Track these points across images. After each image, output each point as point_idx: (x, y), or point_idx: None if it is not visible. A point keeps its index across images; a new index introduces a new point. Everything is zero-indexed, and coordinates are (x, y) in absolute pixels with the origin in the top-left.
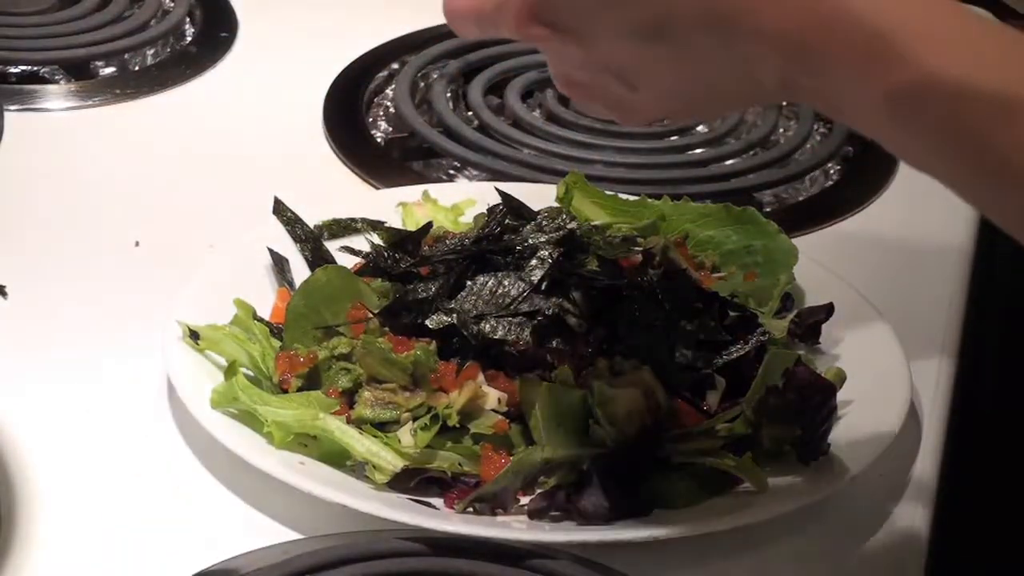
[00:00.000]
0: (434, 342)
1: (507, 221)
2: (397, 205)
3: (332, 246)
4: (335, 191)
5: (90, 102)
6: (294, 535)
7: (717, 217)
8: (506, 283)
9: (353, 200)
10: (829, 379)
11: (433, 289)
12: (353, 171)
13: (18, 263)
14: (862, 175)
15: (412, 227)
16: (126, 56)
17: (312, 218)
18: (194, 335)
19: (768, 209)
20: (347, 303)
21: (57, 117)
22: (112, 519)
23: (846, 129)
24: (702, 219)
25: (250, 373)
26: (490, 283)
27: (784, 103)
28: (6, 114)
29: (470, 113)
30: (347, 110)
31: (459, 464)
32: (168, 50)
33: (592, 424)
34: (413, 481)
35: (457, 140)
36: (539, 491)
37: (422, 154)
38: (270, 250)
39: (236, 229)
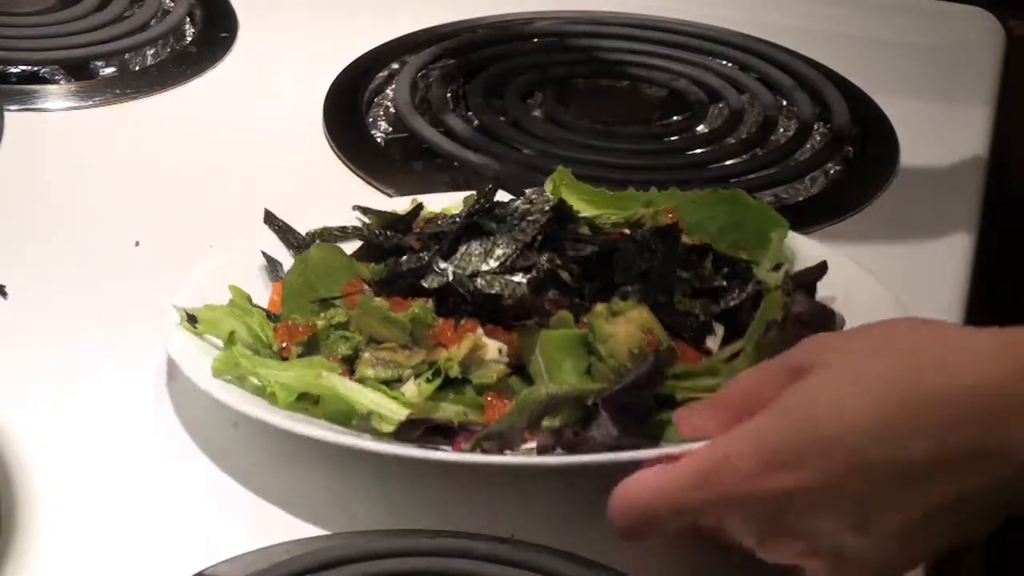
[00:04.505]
0: (431, 301)
1: (496, 200)
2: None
3: None
4: (334, 193)
5: (90, 102)
6: (294, 535)
7: (704, 202)
8: (500, 243)
9: (345, 211)
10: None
11: (427, 257)
12: (353, 171)
13: (18, 263)
14: (862, 175)
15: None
16: (126, 56)
17: (306, 223)
18: (192, 319)
19: None
20: (342, 280)
21: (57, 117)
22: (112, 519)
23: (846, 129)
24: (689, 205)
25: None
26: (484, 244)
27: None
28: (6, 114)
29: (470, 113)
30: (347, 110)
31: (464, 414)
32: (168, 50)
33: (594, 361)
34: (419, 430)
35: (457, 140)
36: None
37: (422, 154)
38: (264, 253)
39: (236, 229)
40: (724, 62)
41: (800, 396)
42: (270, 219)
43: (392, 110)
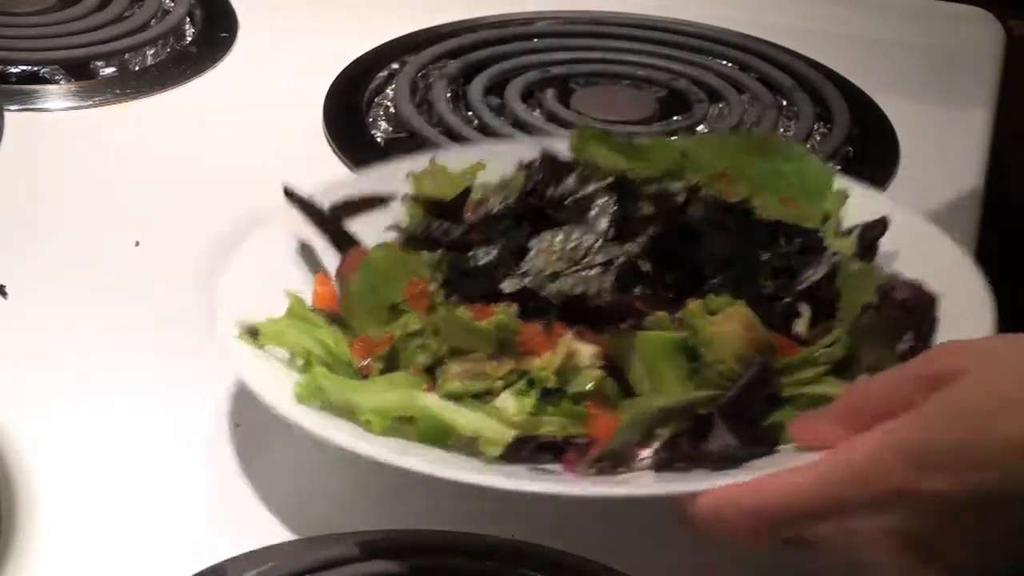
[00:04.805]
0: (515, 305)
1: (546, 176)
2: (406, 176)
3: (351, 226)
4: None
5: (90, 102)
6: (294, 535)
7: (738, 148)
8: (574, 236)
9: (360, 177)
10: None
11: (494, 253)
12: (353, 171)
13: (17, 263)
14: (862, 175)
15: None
16: (126, 56)
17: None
18: (252, 332)
19: None
20: (403, 279)
21: (57, 117)
22: (112, 519)
23: (846, 129)
24: (723, 152)
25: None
26: (558, 239)
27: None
28: (6, 114)
29: (470, 113)
30: (347, 110)
31: (565, 427)
32: (168, 50)
33: (701, 366)
34: (526, 449)
35: (457, 140)
36: (656, 443)
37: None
38: (298, 239)
39: (235, 228)
40: (724, 62)
41: (951, 402)
42: (291, 196)
43: (392, 110)
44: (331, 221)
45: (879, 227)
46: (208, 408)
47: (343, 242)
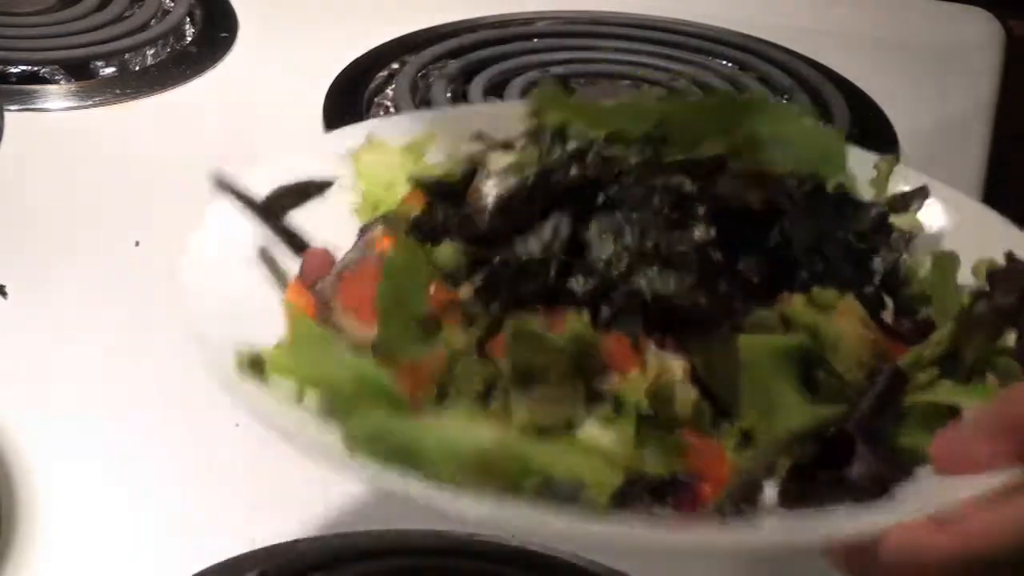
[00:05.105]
0: (585, 311)
1: (560, 152)
2: (344, 154)
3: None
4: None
5: (90, 102)
6: (295, 535)
7: (724, 111)
8: (637, 224)
9: (287, 161)
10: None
11: (538, 246)
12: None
13: (18, 263)
14: None
15: (368, 178)
16: (126, 56)
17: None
18: (255, 363)
19: None
20: (423, 285)
21: (57, 117)
22: (112, 519)
23: (845, 129)
24: (708, 117)
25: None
26: (623, 226)
27: None
28: (6, 114)
29: None
30: (347, 110)
31: (671, 463)
32: (168, 50)
33: (822, 375)
34: (635, 492)
35: None
36: (779, 473)
37: None
38: (261, 249)
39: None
40: (724, 62)
41: None
42: (223, 186)
43: (392, 110)
44: (273, 216)
45: (920, 196)
46: (208, 408)
47: (294, 242)
